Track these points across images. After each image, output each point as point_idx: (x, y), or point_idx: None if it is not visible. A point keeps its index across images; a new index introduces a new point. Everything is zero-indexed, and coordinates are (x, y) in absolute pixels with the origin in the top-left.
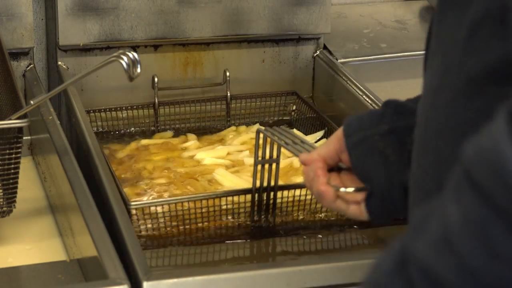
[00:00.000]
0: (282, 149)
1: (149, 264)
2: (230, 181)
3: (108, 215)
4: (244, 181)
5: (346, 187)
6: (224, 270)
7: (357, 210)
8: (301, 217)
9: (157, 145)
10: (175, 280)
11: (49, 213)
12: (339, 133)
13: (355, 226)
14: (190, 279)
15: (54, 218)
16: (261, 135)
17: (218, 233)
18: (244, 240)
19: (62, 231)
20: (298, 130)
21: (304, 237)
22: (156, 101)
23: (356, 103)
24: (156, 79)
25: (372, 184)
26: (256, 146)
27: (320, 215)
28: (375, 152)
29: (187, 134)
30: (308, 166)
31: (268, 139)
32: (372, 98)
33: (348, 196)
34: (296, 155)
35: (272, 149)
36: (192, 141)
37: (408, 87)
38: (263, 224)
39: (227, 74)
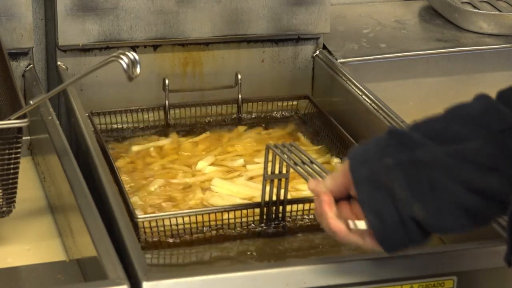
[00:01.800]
0: None
1: (148, 264)
2: (228, 189)
3: (108, 215)
4: (241, 187)
5: (358, 218)
6: (224, 270)
7: (372, 243)
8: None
9: (158, 149)
10: (174, 280)
11: (49, 213)
12: (345, 167)
13: None
14: (189, 279)
15: (54, 218)
16: (271, 151)
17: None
18: (245, 240)
19: (61, 231)
20: (308, 136)
21: (305, 236)
22: (167, 103)
23: (356, 103)
24: (167, 81)
25: (383, 219)
26: (266, 162)
27: None
28: (382, 188)
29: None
30: (316, 197)
31: (277, 157)
32: (372, 98)
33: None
34: (305, 179)
35: (282, 164)
36: (188, 144)
37: (408, 87)
38: (270, 231)
39: (239, 77)
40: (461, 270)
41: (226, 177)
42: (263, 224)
